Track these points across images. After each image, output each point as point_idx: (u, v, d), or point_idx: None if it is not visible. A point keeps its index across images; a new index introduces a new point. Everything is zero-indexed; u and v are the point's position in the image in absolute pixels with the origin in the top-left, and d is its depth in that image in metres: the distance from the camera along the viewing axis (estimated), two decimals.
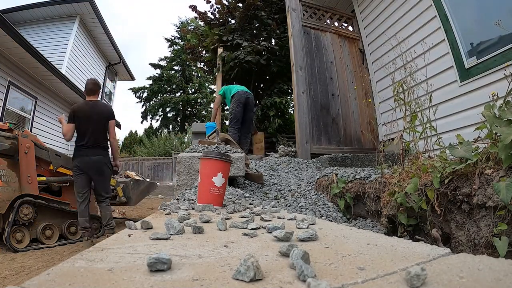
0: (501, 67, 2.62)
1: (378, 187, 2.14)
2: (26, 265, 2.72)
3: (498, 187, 1.18)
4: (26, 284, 0.50)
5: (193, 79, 25.21)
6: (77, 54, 10.23)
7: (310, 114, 4.41)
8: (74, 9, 9.89)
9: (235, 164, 2.61)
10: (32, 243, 3.42)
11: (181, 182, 2.65)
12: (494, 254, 1.22)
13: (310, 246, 0.82)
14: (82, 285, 0.50)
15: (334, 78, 4.82)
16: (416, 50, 3.39)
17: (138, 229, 1.03)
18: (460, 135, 1.58)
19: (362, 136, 4.77)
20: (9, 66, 6.64)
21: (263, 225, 1.11)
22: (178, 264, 0.63)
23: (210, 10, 7.36)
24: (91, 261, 0.63)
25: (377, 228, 2.11)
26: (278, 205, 2.40)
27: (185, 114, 24.80)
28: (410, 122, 2.06)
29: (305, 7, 4.96)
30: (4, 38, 5.72)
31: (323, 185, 2.76)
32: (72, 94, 8.98)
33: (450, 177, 1.48)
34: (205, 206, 1.65)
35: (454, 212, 1.50)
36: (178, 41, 24.83)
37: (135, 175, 6.10)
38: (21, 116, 7.44)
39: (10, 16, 8.95)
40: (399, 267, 0.62)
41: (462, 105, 3.08)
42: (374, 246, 0.83)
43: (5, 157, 3.29)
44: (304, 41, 4.68)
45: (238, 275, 0.55)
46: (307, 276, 0.53)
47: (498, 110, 1.42)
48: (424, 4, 3.56)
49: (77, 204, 3.25)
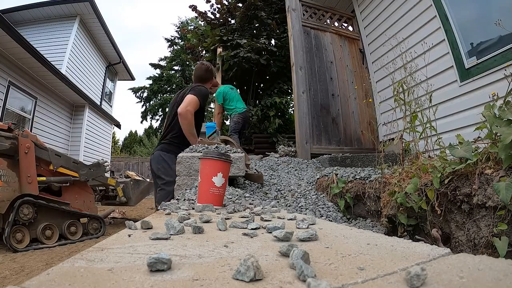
0: (501, 67, 2.62)
1: (378, 187, 2.14)
2: (26, 265, 2.72)
3: (498, 187, 1.18)
4: (26, 284, 0.50)
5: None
6: (77, 54, 10.24)
7: (310, 114, 4.41)
8: (74, 9, 9.90)
9: (235, 164, 2.61)
10: (32, 243, 3.43)
11: (181, 182, 2.65)
12: (494, 254, 1.22)
13: (310, 246, 0.82)
14: (82, 285, 0.50)
15: (334, 78, 4.82)
16: (416, 50, 3.39)
17: (138, 229, 1.03)
18: (460, 135, 1.58)
19: (362, 136, 4.77)
20: (9, 66, 6.64)
21: (263, 225, 1.11)
22: (178, 264, 0.63)
23: (210, 10, 7.37)
24: (91, 261, 0.63)
25: (377, 228, 2.11)
26: (278, 205, 2.40)
27: None
28: (410, 122, 2.06)
29: (305, 7, 4.96)
30: (4, 38, 5.72)
31: (323, 185, 2.76)
32: (72, 94, 8.99)
33: (450, 177, 1.48)
34: (205, 206, 1.65)
35: (454, 212, 1.50)
36: (178, 41, 24.84)
37: (135, 175, 6.11)
38: (21, 116, 7.44)
39: (10, 16, 8.96)
40: (399, 267, 0.62)
41: (462, 105, 3.08)
42: (374, 246, 0.83)
43: (5, 157, 3.29)
44: (304, 41, 4.68)
45: (238, 275, 0.55)
46: (307, 276, 0.53)
47: (498, 110, 1.42)
48: (424, 4, 3.56)
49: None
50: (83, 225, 3.98)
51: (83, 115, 9.94)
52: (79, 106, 9.90)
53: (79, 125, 9.89)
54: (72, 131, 9.76)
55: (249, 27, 7.06)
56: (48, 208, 3.62)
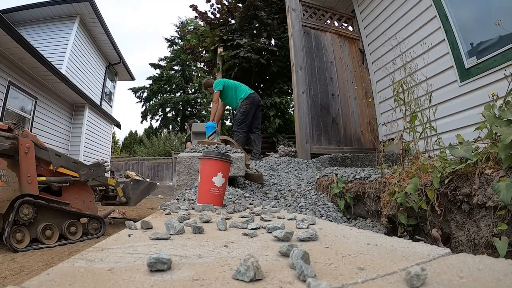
0: (501, 67, 2.62)
1: (378, 187, 2.14)
2: (26, 265, 2.72)
3: (498, 187, 1.18)
4: (26, 284, 0.50)
5: (193, 79, 25.23)
6: (77, 54, 10.24)
7: (310, 114, 4.41)
8: (74, 9, 9.89)
9: (235, 164, 2.61)
10: (32, 243, 3.42)
11: (181, 182, 2.65)
12: (494, 254, 1.22)
13: (310, 246, 0.82)
14: (82, 285, 0.50)
15: (334, 78, 4.82)
16: (416, 50, 3.39)
17: (138, 229, 1.03)
18: (460, 135, 1.58)
19: (362, 136, 4.77)
20: (9, 66, 6.64)
21: (263, 225, 1.11)
22: (178, 264, 0.63)
23: (210, 10, 7.37)
24: (91, 261, 0.63)
25: (377, 228, 2.11)
26: (278, 205, 2.40)
27: (185, 114, 24.80)
28: (410, 122, 2.06)
29: (305, 7, 4.96)
30: (4, 38, 5.71)
31: (323, 185, 2.76)
32: (72, 94, 8.98)
33: (450, 177, 1.48)
34: (205, 206, 1.65)
35: (454, 212, 1.50)
36: (178, 41, 24.84)
37: (135, 175, 6.10)
38: (21, 116, 7.44)
39: (10, 16, 8.95)
40: (399, 267, 0.62)
41: (462, 105, 3.08)
42: (374, 246, 0.83)
43: (5, 157, 3.29)
44: (304, 41, 4.68)
45: (238, 275, 0.55)
46: (307, 276, 0.53)
47: (498, 110, 1.42)
48: (424, 4, 3.56)
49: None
50: (83, 225, 3.98)
51: (83, 115, 9.94)
52: (79, 106, 9.89)
53: (79, 125, 9.89)
54: (72, 131, 9.76)
55: (249, 27, 7.06)
56: (48, 208, 3.62)
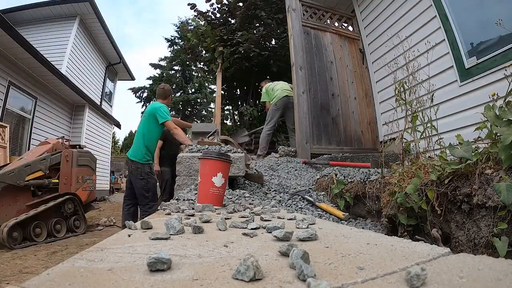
0: (501, 67, 2.62)
1: (378, 187, 2.14)
2: (26, 265, 2.73)
3: (498, 188, 1.18)
4: (26, 284, 0.50)
5: (193, 79, 25.19)
6: (77, 54, 10.23)
7: (310, 114, 4.41)
8: (74, 9, 9.89)
9: (235, 164, 2.61)
10: (26, 240, 3.54)
11: (181, 182, 2.65)
12: (494, 254, 1.21)
13: (310, 246, 0.82)
14: (82, 285, 0.50)
15: (334, 78, 4.81)
16: (416, 50, 3.39)
17: (138, 229, 1.03)
18: (460, 135, 1.58)
19: (362, 136, 4.77)
20: (9, 66, 6.64)
21: (263, 225, 1.11)
22: (178, 264, 0.63)
23: (210, 10, 7.36)
24: (91, 261, 0.63)
25: (377, 228, 2.11)
26: (278, 205, 2.40)
27: (185, 114, 24.78)
28: (411, 122, 2.06)
29: (305, 7, 4.96)
30: (4, 38, 5.71)
31: (323, 185, 2.76)
32: (72, 94, 8.98)
33: (450, 177, 1.48)
34: (205, 206, 1.65)
35: (454, 212, 1.50)
36: (178, 41, 24.81)
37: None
38: (21, 116, 7.44)
39: (10, 16, 8.95)
40: (399, 267, 0.62)
41: (462, 105, 3.08)
42: (374, 246, 0.83)
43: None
44: (304, 41, 4.67)
45: (238, 274, 0.55)
46: (306, 276, 0.53)
47: (498, 110, 1.42)
48: (424, 4, 3.56)
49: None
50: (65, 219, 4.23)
51: (83, 115, 9.93)
52: (79, 106, 9.89)
53: (79, 125, 9.89)
54: (72, 131, 9.75)
55: (249, 27, 7.06)
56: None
